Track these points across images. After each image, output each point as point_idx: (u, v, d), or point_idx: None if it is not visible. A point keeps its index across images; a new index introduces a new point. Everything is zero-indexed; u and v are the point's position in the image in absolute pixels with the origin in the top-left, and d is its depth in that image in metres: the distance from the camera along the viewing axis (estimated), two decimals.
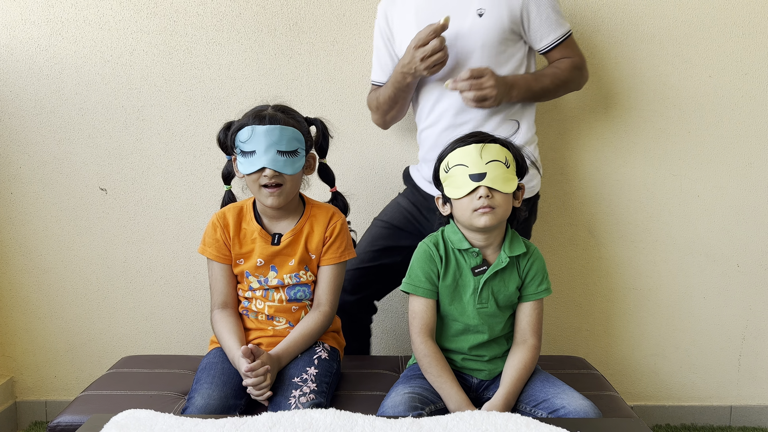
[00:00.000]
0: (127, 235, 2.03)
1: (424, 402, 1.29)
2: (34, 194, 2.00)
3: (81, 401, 1.46)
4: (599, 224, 2.05)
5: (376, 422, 1.08)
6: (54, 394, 2.11)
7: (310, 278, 1.51)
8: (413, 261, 1.42)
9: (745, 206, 2.04)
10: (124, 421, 1.10)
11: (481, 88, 1.53)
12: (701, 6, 1.93)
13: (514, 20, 1.61)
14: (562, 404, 1.27)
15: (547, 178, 2.00)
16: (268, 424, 1.07)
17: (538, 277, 1.40)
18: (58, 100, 1.95)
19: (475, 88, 1.53)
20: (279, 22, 1.92)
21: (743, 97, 1.98)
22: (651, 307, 2.10)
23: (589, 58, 1.94)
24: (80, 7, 1.91)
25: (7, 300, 2.06)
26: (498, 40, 1.61)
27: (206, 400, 1.30)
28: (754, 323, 2.11)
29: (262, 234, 1.48)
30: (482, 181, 1.31)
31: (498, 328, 1.39)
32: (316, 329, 1.47)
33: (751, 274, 2.08)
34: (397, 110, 1.76)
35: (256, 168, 1.39)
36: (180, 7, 1.91)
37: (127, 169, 1.99)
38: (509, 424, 1.08)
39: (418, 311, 1.39)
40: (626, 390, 2.13)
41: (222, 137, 1.50)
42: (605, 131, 2.00)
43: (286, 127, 1.40)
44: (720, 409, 2.15)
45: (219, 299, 1.50)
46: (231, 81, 1.95)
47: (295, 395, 1.32)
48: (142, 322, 2.08)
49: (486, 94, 1.54)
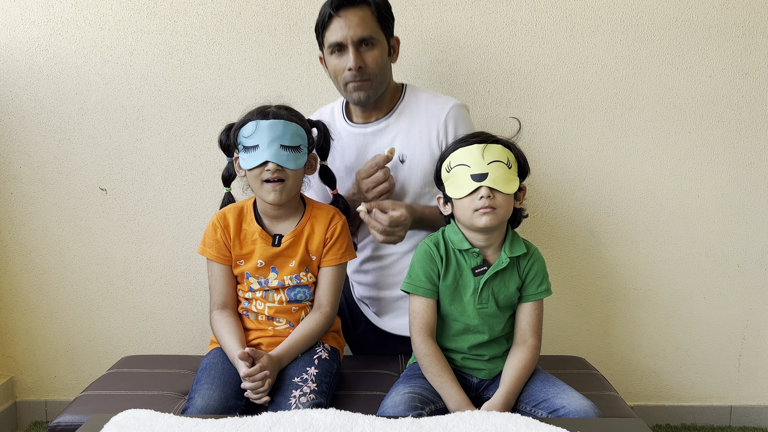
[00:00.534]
0: (127, 235, 2.03)
1: (424, 402, 1.29)
2: (34, 194, 2.00)
3: (81, 401, 1.46)
4: (599, 224, 2.05)
5: (376, 422, 1.08)
6: (54, 394, 2.11)
7: (310, 279, 1.51)
8: (413, 261, 1.42)
9: (745, 206, 2.04)
10: (124, 421, 1.10)
11: (393, 234, 1.51)
12: (701, 6, 1.93)
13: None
14: (562, 404, 1.27)
15: (547, 178, 2.00)
16: (268, 424, 1.07)
17: (539, 277, 1.40)
18: (58, 100, 1.95)
19: (386, 233, 1.51)
20: (279, 22, 1.92)
21: (743, 97, 1.98)
22: (651, 307, 2.10)
23: (589, 57, 1.95)
24: (80, 7, 1.91)
25: (7, 300, 2.06)
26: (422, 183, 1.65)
27: (206, 400, 1.30)
28: (754, 323, 2.11)
29: (262, 235, 1.48)
30: (484, 181, 1.31)
31: (498, 329, 1.39)
32: (317, 330, 1.47)
33: (751, 274, 2.08)
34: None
35: (258, 162, 1.39)
36: (180, 7, 1.91)
37: (127, 169, 1.99)
38: (509, 424, 1.08)
39: (419, 311, 1.39)
40: (626, 390, 2.13)
41: (224, 138, 1.50)
42: (605, 131, 2.00)
43: (289, 122, 1.41)
44: (720, 409, 2.15)
45: (218, 300, 1.50)
46: (231, 81, 1.95)
47: (296, 395, 1.32)
48: (142, 322, 2.08)
49: (393, 240, 1.53)
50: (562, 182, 2.02)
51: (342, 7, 1.54)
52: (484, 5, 1.92)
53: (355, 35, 1.53)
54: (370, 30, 1.55)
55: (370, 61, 1.56)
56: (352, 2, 1.55)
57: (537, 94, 1.97)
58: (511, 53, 1.95)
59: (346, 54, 1.55)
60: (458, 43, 1.93)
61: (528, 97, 1.97)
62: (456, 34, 1.93)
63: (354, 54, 1.54)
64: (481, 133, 1.40)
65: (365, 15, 1.55)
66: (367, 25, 1.55)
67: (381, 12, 1.58)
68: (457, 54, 1.94)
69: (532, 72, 1.95)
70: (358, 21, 1.54)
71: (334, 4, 1.55)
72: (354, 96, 1.59)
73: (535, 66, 1.95)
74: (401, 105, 1.67)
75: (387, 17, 1.60)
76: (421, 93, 1.69)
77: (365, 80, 1.57)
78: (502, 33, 1.94)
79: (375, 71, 1.57)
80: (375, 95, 1.60)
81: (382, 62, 1.58)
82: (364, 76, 1.56)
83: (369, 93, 1.59)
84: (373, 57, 1.56)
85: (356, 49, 1.54)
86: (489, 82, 1.96)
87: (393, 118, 1.66)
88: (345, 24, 1.53)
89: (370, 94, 1.59)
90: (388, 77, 1.64)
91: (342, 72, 1.57)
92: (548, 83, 1.96)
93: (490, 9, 1.92)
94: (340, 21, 1.54)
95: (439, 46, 1.93)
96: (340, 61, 1.57)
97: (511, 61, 1.95)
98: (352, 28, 1.53)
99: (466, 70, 1.95)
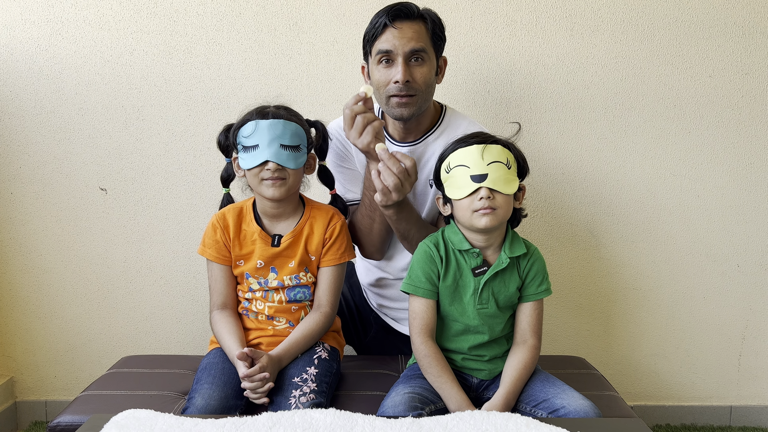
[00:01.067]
0: (127, 235, 2.03)
1: (424, 402, 1.29)
2: (34, 194, 2.00)
3: (81, 401, 1.46)
4: (599, 224, 2.05)
5: (376, 422, 1.08)
6: (54, 394, 2.11)
7: (310, 280, 1.51)
8: (413, 261, 1.42)
9: (745, 206, 2.04)
10: (124, 421, 1.10)
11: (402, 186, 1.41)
12: (701, 6, 1.93)
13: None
14: (562, 404, 1.27)
15: (547, 178, 2.00)
16: (268, 424, 1.07)
17: (539, 277, 1.40)
18: (58, 100, 1.95)
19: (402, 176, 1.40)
20: (279, 22, 1.92)
21: (743, 97, 1.98)
22: (651, 307, 2.10)
23: (589, 57, 1.95)
24: (80, 7, 1.91)
25: (7, 300, 2.06)
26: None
27: (206, 400, 1.30)
28: (754, 323, 2.11)
29: (262, 235, 1.48)
30: (483, 182, 1.31)
31: (498, 329, 1.39)
32: (317, 330, 1.47)
33: (751, 274, 2.08)
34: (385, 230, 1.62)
35: (259, 161, 1.39)
36: (180, 7, 1.91)
37: (127, 169, 1.99)
38: (509, 424, 1.08)
39: (419, 311, 1.39)
40: (626, 390, 2.13)
41: (222, 139, 1.50)
42: (605, 131, 2.00)
43: (289, 122, 1.41)
44: (720, 409, 2.15)
45: (218, 300, 1.50)
46: (231, 81, 1.95)
47: (295, 395, 1.32)
48: (142, 322, 2.08)
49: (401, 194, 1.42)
50: (562, 182, 2.02)
51: (399, 18, 1.49)
52: (484, 5, 1.92)
53: (408, 47, 1.48)
54: (423, 43, 1.50)
55: (419, 76, 1.49)
56: (409, 15, 1.50)
57: (537, 94, 1.97)
58: (511, 53, 1.95)
59: (394, 66, 1.49)
60: (458, 43, 1.93)
61: (528, 97, 1.97)
62: (456, 34, 1.93)
63: (403, 67, 1.48)
64: (481, 133, 1.40)
65: (420, 29, 1.50)
66: (421, 38, 1.50)
67: (436, 30, 1.54)
68: (457, 54, 1.94)
69: (532, 72, 1.95)
70: (412, 34, 1.48)
71: (391, 14, 1.49)
72: (396, 111, 1.52)
73: (535, 66, 1.95)
74: (441, 126, 1.62)
75: (440, 36, 1.56)
76: (462, 118, 1.64)
77: (411, 95, 1.50)
78: (502, 33, 1.94)
79: (422, 87, 1.51)
80: (418, 112, 1.53)
81: (429, 79, 1.52)
82: (411, 91, 1.49)
83: (412, 110, 1.52)
84: (422, 73, 1.50)
85: (406, 62, 1.48)
86: (489, 82, 1.96)
87: (431, 138, 1.61)
88: (399, 35, 1.48)
89: (414, 111, 1.52)
90: (431, 96, 1.57)
91: (387, 84, 1.50)
92: (548, 83, 1.96)
93: (490, 9, 1.92)
94: (394, 32, 1.48)
95: None
96: (387, 72, 1.50)
97: (511, 61, 1.95)
98: (405, 40, 1.48)
99: (466, 70, 1.95)
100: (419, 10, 1.52)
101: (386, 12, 1.50)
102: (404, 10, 1.50)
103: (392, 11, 1.49)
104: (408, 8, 1.50)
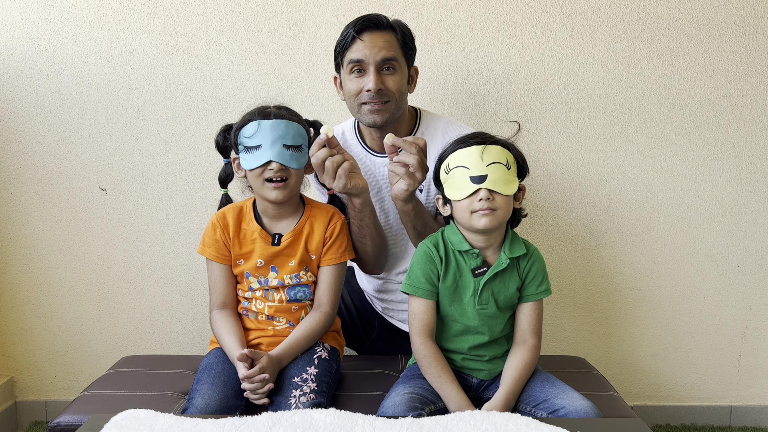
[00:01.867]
0: (127, 235, 2.03)
1: (424, 402, 1.29)
2: (34, 194, 2.00)
3: (81, 401, 1.46)
4: (599, 224, 2.05)
5: (376, 422, 1.08)
6: (54, 394, 2.11)
7: (310, 279, 1.51)
8: (413, 262, 1.42)
9: (745, 206, 2.04)
10: (124, 421, 1.10)
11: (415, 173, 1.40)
12: (701, 6, 1.93)
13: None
14: (562, 404, 1.27)
15: (547, 178, 2.00)
16: (268, 424, 1.07)
17: (538, 277, 1.40)
18: (58, 100, 1.95)
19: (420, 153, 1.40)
20: (279, 22, 1.92)
21: (743, 97, 1.98)
22: (651, 307, 2.10)
23: (589, 57, 1.95)
24: (80, 7, 1.91)
25: (7, 300, 2.06)
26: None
27: (206, 401, 1.30)
28: (754, 323, 2.11)
29: (262, 234, 1.48)
30: (483, 183, 1.31)
31: (498, 329, 1.39)
32: (317, 329, 1.47)
33: (751, 274, 2.08)
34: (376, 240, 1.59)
35: (262, 162, 1.39)
36: (180, 7, 1.91)
37: (127, 169, 1.99)
38: (509, 424, 1.08)
39: (418, 312, 1.38)
40: (626, 390, 2.13)
41: (221, 139, 1.50)
42: (605, 131, 2.00)
43: (291, 122, 1.42)
44: (720, 409, 2.15)
45: (218, 300, 1.50)
46: (231, 81, 1.95)
47: (295, 395, 1.32)
48: (142, 322, 2.08)
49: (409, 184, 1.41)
50: (562, 182, 2.02)
51: (369, 28, 1.51)
52: (484, 5, 1.92)
53: (379, 56, 1.50)
54: (394, 52, 1.52)
55: (391, 83, 1.52)
56: (378, 25, 1.52)
57: (537, 94, 1.97)
58: (511, 53, 1.95)
59: (366, 75, 1.51)
60: (458, 43, 1.93)
61: (528, 97, 1.97)
62: (456, 34, 1.93)
63: (375, 75, 1.50)
64: (480, 133, 1.39)
65: (391, 39, 1.53)
66: (392, 48, 1.52)
67: (406, 40, 1.56)
68: (457, 54, 1.94)
69: (532, 72, 1.96)
70: (383, 43, 1.51)
71: (358, 26, 1.51)
72: (369, 118, 1.54)
73: (535, 66, 1.95)
74: (418, 132, 1.64)
75: (411, 46, 1.58)
76: (437, 119, 1.66)
77: (384, 102, 1.52)
78: (502, 33, 1.94)
79: (395, 94, 1.53)
80: (391, 119, 1.55)
81: (402, 87, 1.54)
82: (384, 98, 1.51)
83: (385, 116, 1.53)
84: (394, 80, 1.52)
85: (377, 71, 1.51)
86: (489, 82, 1.96)
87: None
88: (370, 44, 1.50)
89: (387, 118, 1.54)
90: (404, 104, 1.59)
91: (359, 93, 1.52)
92: (548, 83, 1.96)
93: (490, 9, 1.92)
94: (365, 41, 1.51)
95: (439, 46, 1.94)
96: (359, 81, 1.52)
97: (511, 61, 1.95)
98: (376, 49, 1.50)
99: (466, 70, 1.95)
100: (388, 21, 1.54)
101: (356, 23, 1.52)
102: (374, 20, 1.52)
103: (362, 21, 1.52)
104: (378, 19, 1.53)
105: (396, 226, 1.66)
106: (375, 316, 1.83)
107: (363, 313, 1.84)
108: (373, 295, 1.81)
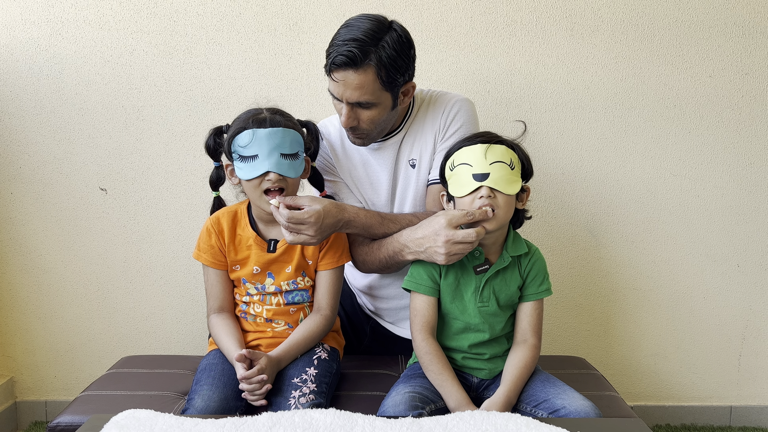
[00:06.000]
0: (127, 235, 2.03)
1: (425, 401, 1.29)
2: (34, 194, 2.00)
3: (81, 401, 1.46)
4: (599, 224, 2.05)
5: (376, 422, 1.08)
6: (54, 394, 2.11)
7: (308, 284, 1.49)
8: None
9: (745, 206, 2.04)
10: (124, 421, 1.10)
11: (299, 232, 1.36)
12: (701, 6, 1.93)
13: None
14: (562, 404, 1.27)
15: (547, 178, 2.00)
16: (268, 424, 1.07)
17: (539, 277, 1.41)
18: (58, 100, 1.95)
19: (293, 231, 1.36)
20: (279, 22, 1.92)
21: (743, 97, 1.98)
22: (651, 307, 2.10)
23: (589, 57, 1.95)
24: (80, 7, 1.91)
25: (7, 300, 2.06)
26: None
27: (206, 401, 1.30)
28: (754, 323, 2.11)
29: (257, 241, 1.46)
30: (485, 181, 1.31)
31: (498, 328, 1.39)
32: (317, 332, 1.46)
33: (751, 274, 2.08)
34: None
35: (259, 173, 1.36)
36: (180, 7, 1.91)
37: (127, 169, 1.99)
38: (509, 424, 1.08)
39: (420, 309, 1.39)
40: (626, 390, 2.13)
41: (212, 143, 1.46)
42: (605, 131, 2.00)
43: (287, 129, 1.38)
44: (720, 409, 2.15)
45: (215, 304, 1.49)
46: (231, 81, 1.95)
47: (295, 396, 1.32)
48: (142, 322, 2.08)
49: (300, 239, 1.37)
50: (562, 182, 2.02)
51: (343, 67, 1.38)
52: (484, 5, 1.92)
53: (352, 98, 1.41)
54: (368, 95, 1.41)
55: (365, 118, 1.45)
56: (353, 62, 1.37)
57: (537, 94, 1.97)
58: (511, 53, 1.95)
59: (341, 104, 1.44)
60: (458, 43, 1.93)
61: (528, 97, 1.97)
62: (456, 34, 1.93)
63: (347, 111, 1.43)
64: (486, 133, 1.40)
65: (366, 80, 1.39)
66: (366, 90, 1.40)
67: (389, 72, 1.40)
68: (457, 54, 1.94)
69: (532, 72, 1.96)
70: (357, 85, 1.39)
71: (334, 60, 1.39)
72: (352, 140, 1.54)
73: (535, 66, 1.95)
74: (410, 118, 1.60)
75: (395, 74, 1.42)
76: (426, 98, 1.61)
77: (358, 136, 1.50)
78: (502, 33, 1.94)
79: (369, 127, 1.47)
80: (372, 142, 1.54)
81: (378, 119, 1.46)
82: (357, 132, 1.48)
83: (367, 142, 1.53)
84: (369, 116, 1.45)
85: (351, 108, 1.43)
86: (489, 82, 1.96)
87: (403, 131, 1.59)
88: (343, 84, 1.40)
89: (368, 143, 1.53)
90: (390, 122, 1.53)
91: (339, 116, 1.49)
92: (548, 83, 1.96)
93: (490, 9, 1.92)
94: (338, 80, 1.41)
95: (439, 46, 1.94)
96: (337, 106, 1.47)
97: (511, 61, 1.95)
98: (350, 90, 1.40)
99: (466, 70, 1.96)
100: (363, 57, 1.37)
101: (333, 51, 1.40)
102: (349, 56, 1.37)
103: (337, 58, 1.38)
104: (353, 56, 1.36)
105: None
106: (367, 322, 1.79)
107: (353, 318, 1.80)
108: (363, 294, 1.78)
